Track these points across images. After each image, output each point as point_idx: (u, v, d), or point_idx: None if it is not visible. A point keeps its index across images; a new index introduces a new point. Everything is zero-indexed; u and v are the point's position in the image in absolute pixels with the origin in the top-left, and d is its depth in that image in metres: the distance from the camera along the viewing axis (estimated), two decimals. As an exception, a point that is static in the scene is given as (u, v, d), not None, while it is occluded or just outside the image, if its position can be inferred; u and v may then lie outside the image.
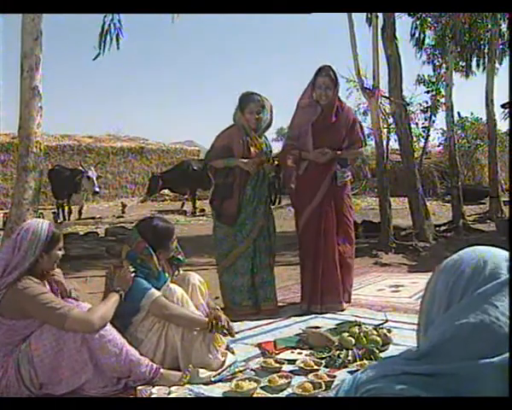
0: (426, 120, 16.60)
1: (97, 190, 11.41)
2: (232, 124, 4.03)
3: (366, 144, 4.41)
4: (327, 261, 3.91)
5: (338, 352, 2.90)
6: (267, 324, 3.64)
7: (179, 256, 3.09)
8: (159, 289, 2.77)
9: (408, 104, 11.15)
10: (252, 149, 3.91)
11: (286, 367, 2.77)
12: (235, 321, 3.57)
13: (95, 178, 11.16)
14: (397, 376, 0.80)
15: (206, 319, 2.73)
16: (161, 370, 2.53)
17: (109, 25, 4.83)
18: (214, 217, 4.06)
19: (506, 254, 0.86)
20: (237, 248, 3.90)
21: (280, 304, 4.13)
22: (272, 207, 4.17)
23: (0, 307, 2.38)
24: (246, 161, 3.87)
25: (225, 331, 2.78)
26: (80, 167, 11.32)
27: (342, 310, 3.92)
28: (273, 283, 4.04)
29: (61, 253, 2.60)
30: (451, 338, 0.79)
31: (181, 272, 3.12)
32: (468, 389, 0.75)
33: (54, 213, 11.61)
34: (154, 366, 2.52)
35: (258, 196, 3.94)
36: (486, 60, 11.05)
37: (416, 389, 0.77)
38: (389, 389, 0.79)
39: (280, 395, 2.47)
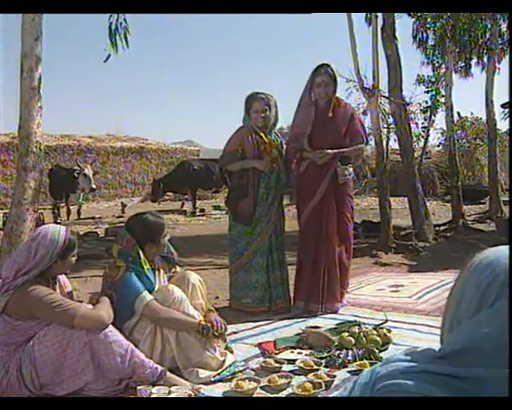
0: (426, 120, 16.59)
1: (94, 187, 11.39)
2: (241, 126, 4.09)
3: (368, 142, 4.37)
4: (328, 261, 3.91)
5: (338, 352, 2.90)
6: (267, 324, 3.64)
7: (173, 257, 3.08)
8: (151, 289, 2.77)
9: (408, 104, 11.12)
10: (262, 148, 3.95)
11: (286, 367, 2.77)
12: (241, 322, 3.61)
13: (91, 176, 11.16)
14: (416, 373, 0.79)
15: (199, 321, 2.72)
16: (167, 374, 2.51)
17: (116, 24, 4.80)
18: (230, 217, 4.11)
19: None
20: (253, 244, 3.93)
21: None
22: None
23: (7, 308, 2.40)
24: (260, 161, 3.93)
25: (216, 334, 2.77)
26: (76, 166, 11.30)
27: (336, 311, 3.90)
28: (287, 281, 4.08)
29: (74, 259, 2.62)
30: (475, 346, 0.77)
31: (178, 269, 3.12)
32: (487, 395, 0.74)
33: (54, 213, 11.61)
34: (159, 369, 2.49)
35: (272, 194, 3.99)
36: (486, 60, 11.05)
37: (433, 388, 0.76)
38: (408, 386, 0.78)
39: (280, 395, 2.47)
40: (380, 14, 7.46)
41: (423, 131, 16.72)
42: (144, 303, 2.67)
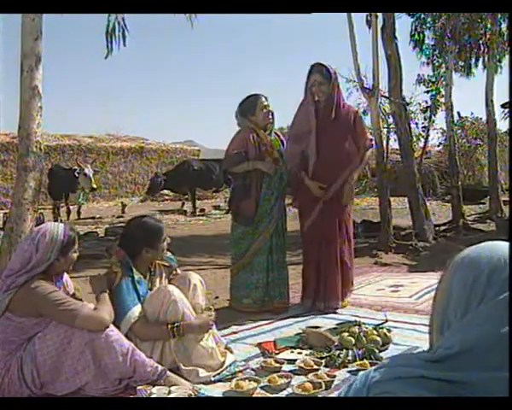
0: (426, 119, 16.58)
1: (94, 186, 11.39)
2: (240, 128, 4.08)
3: (373, 144, 4.37)
4: (330, 261, 3.94)
5: (338, 352, 2.90)
6: (267, 324, 3.64)
7: (173, 267, 3.06)
8: (143, 297, 2.76)
9: (408, 104, 11.13)
10: (263, 149, 3.95)
11: (286, 367, 2.77)
12: (241, 322, 3.61)
13: (91, 175, 11.17)
14: (412, 379, 0.77)
15: (167, 325, 2.66)
16: (168, 373, 2.51)
17: (114, 23, 4.80)
18: (232, 217, 4.12)
19: None
20: (254, 244, 3.93)
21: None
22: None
23: (11, 305, 2.40)
24: (264, 163, 3.94)
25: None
26: (76, 166, 11.30)
27: (337, 308, 3.94)
28: (286, 280, 4.08)
29: (76, 255, 2.62)
30: (471, 348, 0.75)
31: (178, 271, 3.10)
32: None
33: (54, 213, 11.60)
34: (160, 368, 2.49)
35: (275, 194, 4.00)
36: (486, 60, 11.04)
37: (430, 395, 0.74)
38: (403, 392, 0.75)
39: (280, 394, 2.47)
40: (380, 14, 7.46)
41: (423, 131, 16.72)
42: (130, 324, 2.65)
